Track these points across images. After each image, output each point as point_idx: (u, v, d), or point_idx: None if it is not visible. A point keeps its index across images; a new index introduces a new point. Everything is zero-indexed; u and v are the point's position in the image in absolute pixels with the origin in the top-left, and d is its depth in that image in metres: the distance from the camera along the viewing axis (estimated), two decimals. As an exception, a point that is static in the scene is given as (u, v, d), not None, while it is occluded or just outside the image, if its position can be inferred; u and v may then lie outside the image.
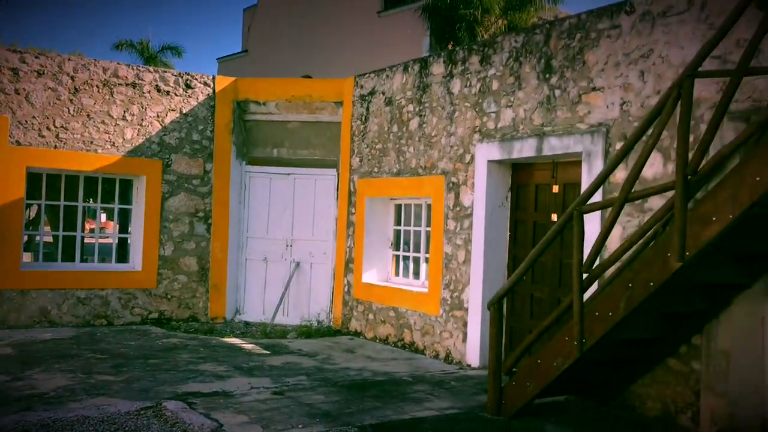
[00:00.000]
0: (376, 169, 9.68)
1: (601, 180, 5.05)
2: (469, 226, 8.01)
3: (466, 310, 7.99)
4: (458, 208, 8.19)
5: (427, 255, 8.93)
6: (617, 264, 5.82)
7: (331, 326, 10.30)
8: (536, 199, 7.65)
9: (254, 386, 6.56)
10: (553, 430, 5.47)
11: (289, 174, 10.82)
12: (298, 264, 10.70)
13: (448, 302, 8.25)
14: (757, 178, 4.11)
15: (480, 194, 7.85)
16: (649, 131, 4.81)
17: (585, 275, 5.18)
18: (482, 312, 7.72)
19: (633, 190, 4.88)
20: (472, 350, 7.82)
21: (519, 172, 7.87)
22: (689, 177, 4.48)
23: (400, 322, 9.04)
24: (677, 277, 4.68)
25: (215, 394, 6.21)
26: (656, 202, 5.79)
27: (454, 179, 8.28)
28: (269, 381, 6.82)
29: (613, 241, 6.19)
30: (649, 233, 5.72)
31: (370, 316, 9.59)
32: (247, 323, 10.59)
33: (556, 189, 7.39)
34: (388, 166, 9.44)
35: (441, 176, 8.47)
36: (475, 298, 7.85)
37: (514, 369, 5.84)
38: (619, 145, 6.32)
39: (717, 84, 5.53)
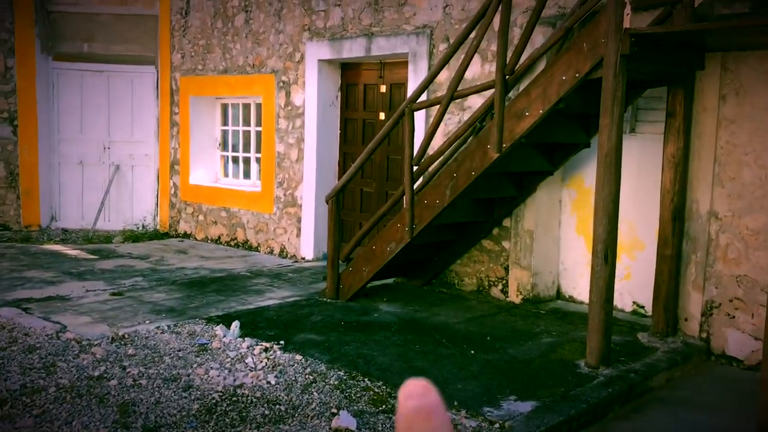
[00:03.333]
0: (200, 67, 9.42)
1: (430, 79, 5.46)
2: (301, 125, 8.20)
3: (300, 206, 8.29)
4: (290, 108, 8.32)
5: (258, 155, 9.02)
6: (441, 158, 6.40)
7: (158, 230, 10.15)
8: (365, 99, 7.98)
9: (90, 289, 6.46)
10: (385, 307, 6.06)
11: (102, 71, 10.17)
12: (117, 167, 10.28)
13: (282, 200, 8.49)
14: (563, 77, 4.72)
15: (311, 93, 8.02)
16: (472, 34, 5.25)
17: (415, 168, 5.66)
18: (316, 208, 8.07)
19: (457, 89, 5.35)
20: (307, 244, 8.20)
21: (348, 72, 8.11)
22: (507, 77, 5.02)
23: (232, 222, 9.16)
24: (494, 167, 5.30)
25: (50, 298, 6.05)
26: (474, 101, 6.36)
27: (284, 78, 8.35)
28: (104, 284, 6.74)
29: (437, 139, 6.74)
30: (469, 130, 6.32)
31: (200, 218, 9.60)
32: (65, 230, 10.11)
33: (383, 89, 7.76)
34: (213, 63, 9.23)
35: (271, 75, 8.48)
36: (308, 195, 8.16)
37: (350, 257, 6.30)
38: (442, 47, 6.76)
39: (529, -9, 6.09)
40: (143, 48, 10.15)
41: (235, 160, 9.67)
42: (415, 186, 5.97)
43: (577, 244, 6.37)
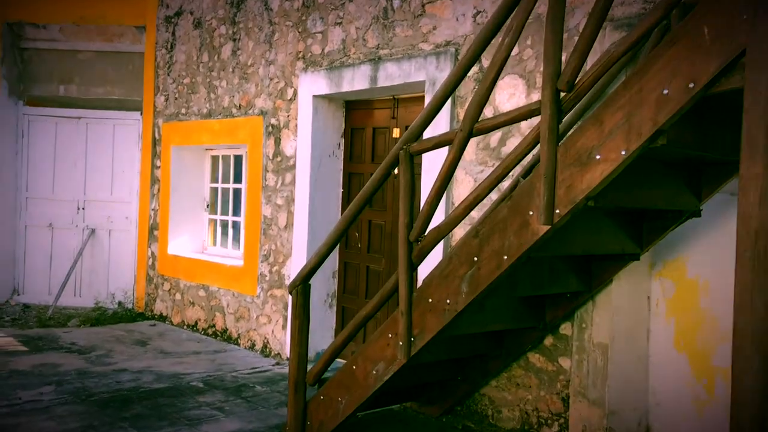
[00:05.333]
0: (183, 110, 7.66)
1: (441, 101, 3.39)
2: (291, 181, 6.24)
3: (287, 287, 6.26)
4: (279, 158, 6.39)
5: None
6: (462, 227, 4.30)
7: (134, 309, 8.28)
8: (374, 146, 5.99)
9: (-41, 409, 4.53)
10: (374, 462, 3.89)
11: (80, 117, 8.56)
12: (93, 231, 8.54)
13: (267, 279, 6.48)
14: (665, 91, 2.59)
15: (304, 140, 6.08)
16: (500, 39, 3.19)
17: (416, 244, 3.56)
18: (305, 291, 6.01)
19: (481, 119, 3.27)
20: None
21: (353, 113, 6.16)
22: (561, 93, 2.92)
23: (211, 304, 7.18)
24: (543, 247, 3.14)
25: None
26: (514, 144, 4.25)
27: (274, 120, 6.46)
28: (-8, 398, 4.81)
29: (461, 199, 4.65)
30: (506, 186, 4.21)
31: (177, 296, 7.67)
32: (26, 306, 8.36)
33: (396, 133, 5.75)
34: (197, 105, 7.45)
35: (259, 117, 6.61)
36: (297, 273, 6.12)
37: (324, 377, 4.18)
38: (472, 71, 4.74)
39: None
40: (127, 91, 8.52)
41: (225, 224, 7.78)
42: (419, 273, 3.88)
43: (677, 365, 4.09)
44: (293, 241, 6.16)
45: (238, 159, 7.47)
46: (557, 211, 2.93)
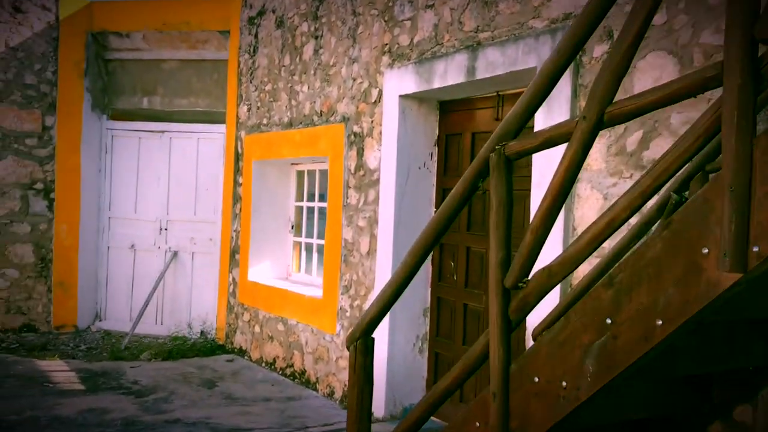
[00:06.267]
0: (265, 121, 6.87)
1: (553, 74, 2.23)
2: (375, 198, 5.22)
3: (371, 327, 5.21)
4: (362, 172, 5.40)
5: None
6: (589, 267, 3.10)
7: (215, 340, 7.54)
8: (473, 156, 4.84)
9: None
10: None
11: (163, 131, 8.00)
12: (175, 254, 7.92)
13: (347, 314, 5.47)
14: None
15: (390, 149, 5.05)
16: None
17: (515, 292, 2.39)
18: (390, 333, 4.95)
19: (616, 100, 2.07)
20: (377, 393, 5.03)
21: (448, 115, 5.07)
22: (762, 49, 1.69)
23: (289, 340, 6.27)
24: (724, 307, 1.89)
25: None
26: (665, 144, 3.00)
27: (356, 128, 5.48)
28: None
29: (585, 224, 3.44)
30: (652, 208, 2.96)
31: (257, 329, 6.83)
32: (107, 333, 7.84)
33: (502, 138, 4.58)
34: (278, 114, 6.63)
35: (340, 125, 5.66)
36: (380, 310, 5.08)
37: (391, 466, 3.07)
38: (599, 51, 3.54)
39: None
40: (212, 101, 7.88)
41: (309, 248, 6.88)
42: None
43: None
44: (376, 271, 5.12)
45: (325, 174, 6.55)
46: (755, 249, 1.69)
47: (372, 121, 5.28)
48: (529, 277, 2.31)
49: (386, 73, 5.09)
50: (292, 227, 7.10)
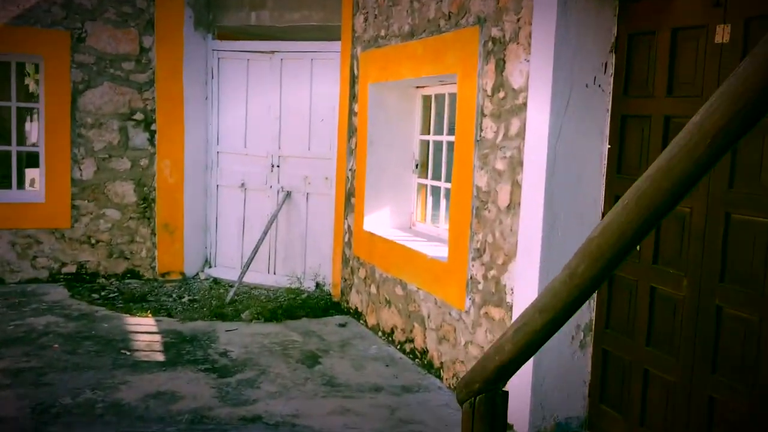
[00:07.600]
0: (383, 32, 5.46)
1: None
2: (520, 131, 3.72)
3: (510, 307, 3.81)
4: (502, 93, 3.88)
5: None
6: None
7: (330, 295, 6.46)
8: (672, 65, 3.18)
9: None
10: None
11: (273, 52, 6.84)
12: (288, 194, 6.87)
13: (480, 287, 4.09)
14: None
15: (542, 59, 3.48)
16: None
17: None
18: (536, 321, 3.51)
19: None
20: (519, 393, 3.65)
21: (634, 5, 3.39)
22: None
23: (409, 309, 5.01)
24: None
25: None
26: None
27: (496, 31, 3.94)
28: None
29: None
30: None
31: (372, 289, 5.64)
32: (216, 282, 7.02)
33: (722, 37, 2.89)
34: (398, 22, 5.19)
35: (474, 28, 4.13)
36: (526, 288, 3.65)
37: None
38: None
39: None
40: (326, 14, 6.57)
41: (436, 192, 5.52)
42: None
43: None
44: (519, 233, 3.67)
45: (455, 99, 5.07)
46: None
47: (518, 20, 3.72)
48: None
49: (539, -53, 3.49)
50: (417, 166, 5.74)
